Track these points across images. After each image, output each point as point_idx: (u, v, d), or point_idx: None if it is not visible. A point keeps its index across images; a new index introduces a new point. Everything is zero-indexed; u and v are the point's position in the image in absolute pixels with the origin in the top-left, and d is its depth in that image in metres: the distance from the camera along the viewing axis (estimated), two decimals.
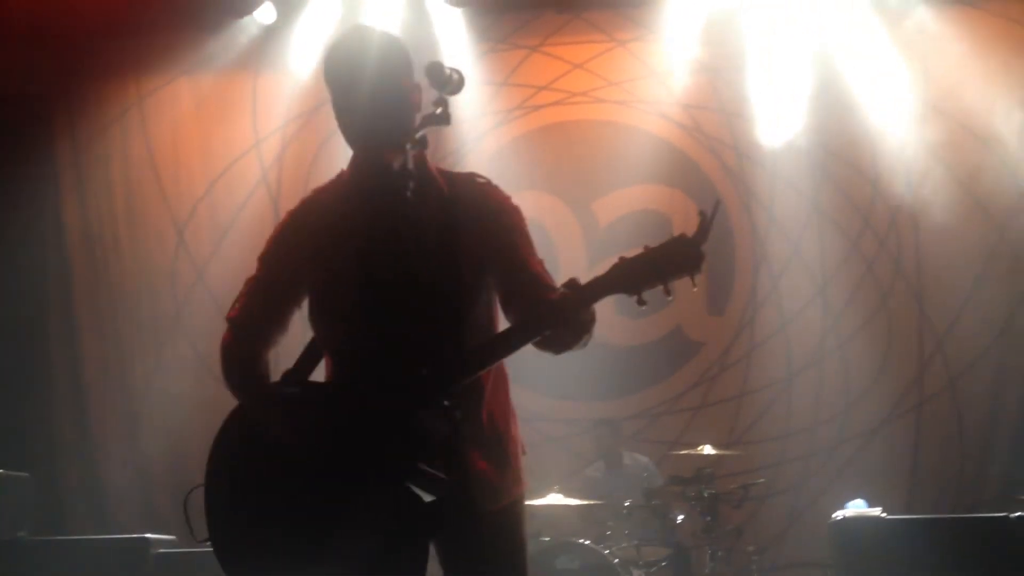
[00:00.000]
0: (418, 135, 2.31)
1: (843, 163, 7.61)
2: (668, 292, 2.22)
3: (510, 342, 2.33)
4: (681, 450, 6.59)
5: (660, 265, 2.21)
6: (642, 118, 7.84)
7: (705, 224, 2.21)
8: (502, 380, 2.54)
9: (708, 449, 6.32)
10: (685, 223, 7.74)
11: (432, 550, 2.43)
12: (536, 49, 7.94)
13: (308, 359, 2.57)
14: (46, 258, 7.96)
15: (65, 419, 7.81)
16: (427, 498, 2.28)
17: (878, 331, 7.46)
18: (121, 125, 8.07)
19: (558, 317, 2.26)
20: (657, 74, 7.80)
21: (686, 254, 2.20)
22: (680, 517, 6.25)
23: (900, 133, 7.47)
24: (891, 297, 7.49)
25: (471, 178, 2.53)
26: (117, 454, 7.67)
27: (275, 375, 2.56)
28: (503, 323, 2.50)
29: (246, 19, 7.72)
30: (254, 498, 2.40)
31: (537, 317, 2.30)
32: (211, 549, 2.46)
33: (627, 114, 7.89)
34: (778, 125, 7.60)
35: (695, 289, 2.21)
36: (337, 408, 2.37)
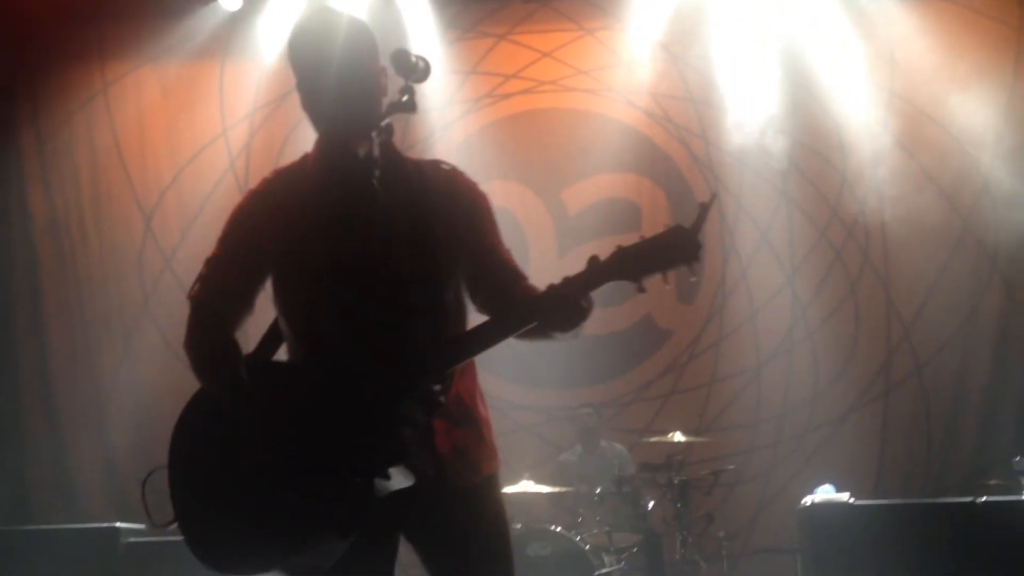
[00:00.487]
0: (384, 123, 2.30)
1: (811, 152, 7.66)
2: (667, 280, 2.26)
3: (508, 325, 2.33)
4: (651, 437, 6.62)
5: (660, 254, 2.24)
6: (611, 106, 7.84)
7: (703, 215, 2.27)
8: (470, 361, 2.54)
9: (678, 436, 6.36)
10: (653, 211, 7.81)
11: (404, 541, 2.43)
12: (504, 37, 7.92)
13: (270, 342, 2.54)
14: (12, 247, 7.86)
15: (33, 408, 7.73)
16: (398, 481, 2.27)
17: (846, 319, 7.53)
18: (86, 113, 7.98)
19: (560, 302, 2.28)
20: (625, 62, 7.80)
21: (684, 244, 2.24)
22: (651, 503, 6.28)
23: (868, 123, 7.52)
24: (859, 285, 7.56)
25: (437, 165, 2.54)
26: (85, 443, 7.61)
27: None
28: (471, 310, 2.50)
29: (212, 5, 7.66)
30: (219, 482, 2.37)
31: (537, 302, 2.30)
32: (178, 534, 2.43)
33: (596, 102, 7.89)
34: (746, 114, 7.63)
35: (693, 279, 2.31)
36: (312, 392, 2.35)
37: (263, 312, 2.55)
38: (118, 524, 5.99)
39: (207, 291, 2.54)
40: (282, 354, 2.55)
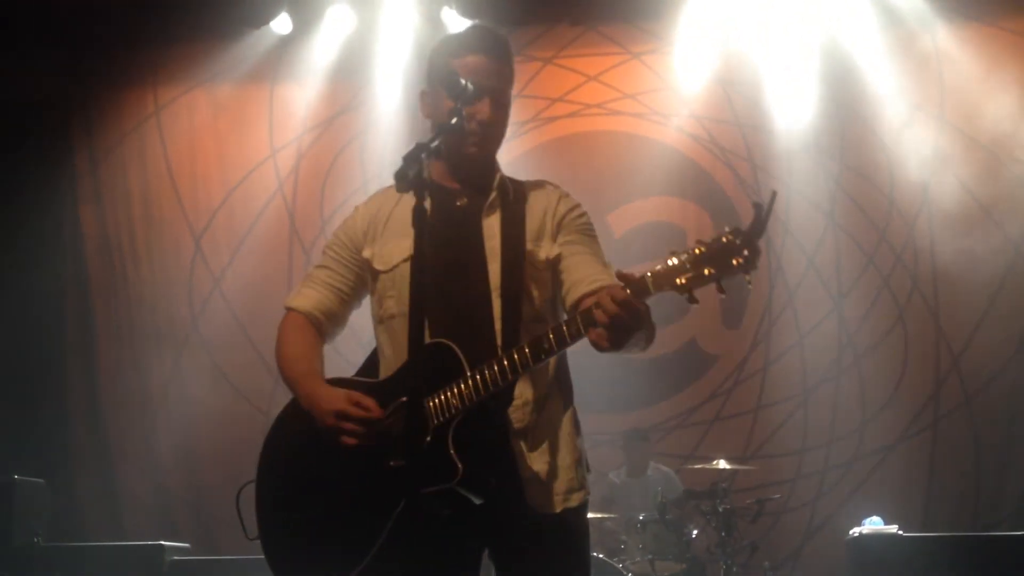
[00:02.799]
0: (433, 144, 2.33)
1: (859, 177, 7.59)
2: (722, 290, 2.08)
3: (563, 335, 2.26)
4: (696, 464, 6.56)
5: (715, 262, 2.07)
6: (657, 130, 7.84)
7: (761, 216, 2.03)
8: (564, 384, 2.54)
9: (723, 463, 6.29)
10: (699, 234, 7.64)
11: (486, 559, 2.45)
12: (550, 61, 7.95)
13: (368, 369, 2.62)
14: (64, 266, 8.00)
15: (81, 426, 7.84)
16: (476, 502, 2.28)
17: (894, 347, 7.42)
18: (139, 134, 8.12)
19: (612, 310, 2.14)
20: (672, 86, 7.80)
21: (742, 249, 2.04)
22: (695, 532, 6.22)
23: (916, 148, 7.45)
24: (907, 312, 7.45)
25: (540, 182, 2.68)
26: (133, 461, 7.69)
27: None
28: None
29: (263, 29, 7.76)
30: (304, 497, 2.43)
31: (587, 311, 2.22)
32: (227, 553, 2.49)
33: (642, 126, 7.89)
34: (793, 138, 7.59)
35: (750, 286, 2.08)
36: (384, 406, 2.39)
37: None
38: (163, 543, 6.05)
39: (302, 299, 2.70)
40: None
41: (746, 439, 7.44)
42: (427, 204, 2.23)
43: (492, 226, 2.54)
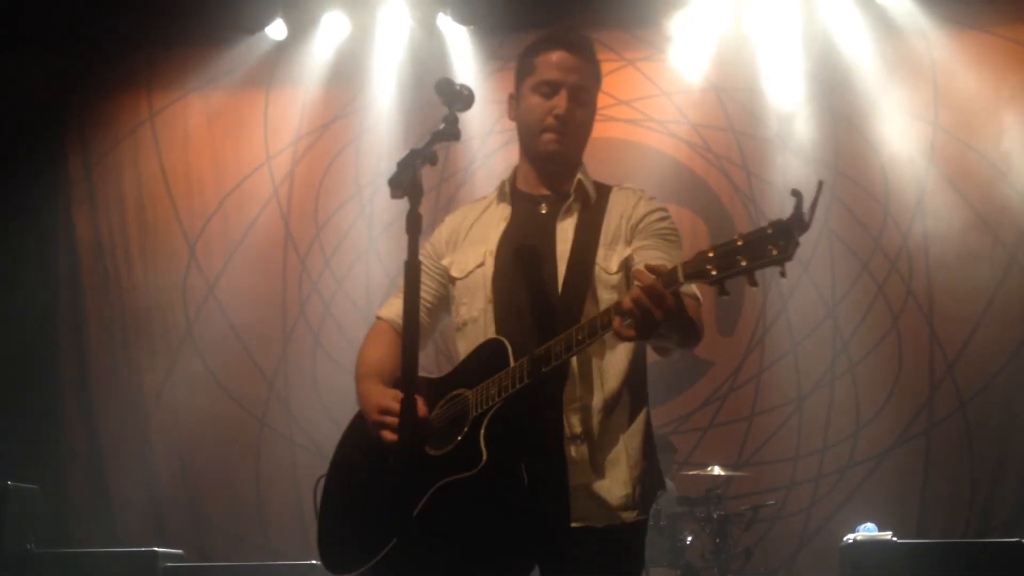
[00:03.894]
0: (428, 151, 2.33)
1: (854, 184, 7.60)
2: (754, 282, 2.02)
3: (595, 326, 2.22)
4: (690, 470, 6.56)
5: (750, 252, 2.01)
6: (652, 136, 7.85)
7: (800, 207, 1.97)
8: (637, 390, 2.54)
9: (717, 470, 6.29)
10: (694, 241, 7.75)
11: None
12: None
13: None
14: (57, 271, 7.99)
15: (75, 432, 7.81)
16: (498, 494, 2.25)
17: (889, 353, 7.42)
18: (133, 140, 8.11)
19: (635, 294, 2.09)
20: (667, 93, 7.81)
21: (778, 239, 1.99)
22: (689, 538, 6.21)
23: (910, 154, 7.46)
24: (902, 319, 7.46)
25: (625, 186, 2.71)
26: (126, 467, 7.66)
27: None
28: None
29: (258, 35, 7.74)
30: (361, 498, 2.44)
31: (619, 302, 2.17)
32: (218, 559, 2.51)
33: (637, 132, 7.90)
34: (788, 145, 7.60)
35: (784, 278, 2.03)
36: (440, 399, 2.41)
37: None
38: (157, 549, 6.03)
39: (390, 310, 2.72)
40: None
41: (740, 445, 7.44)
42: (506, 216, 2.34)
43: (566, 230, 2.52)
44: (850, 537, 5.92)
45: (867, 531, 5.98)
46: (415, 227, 2.16)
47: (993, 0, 7.54)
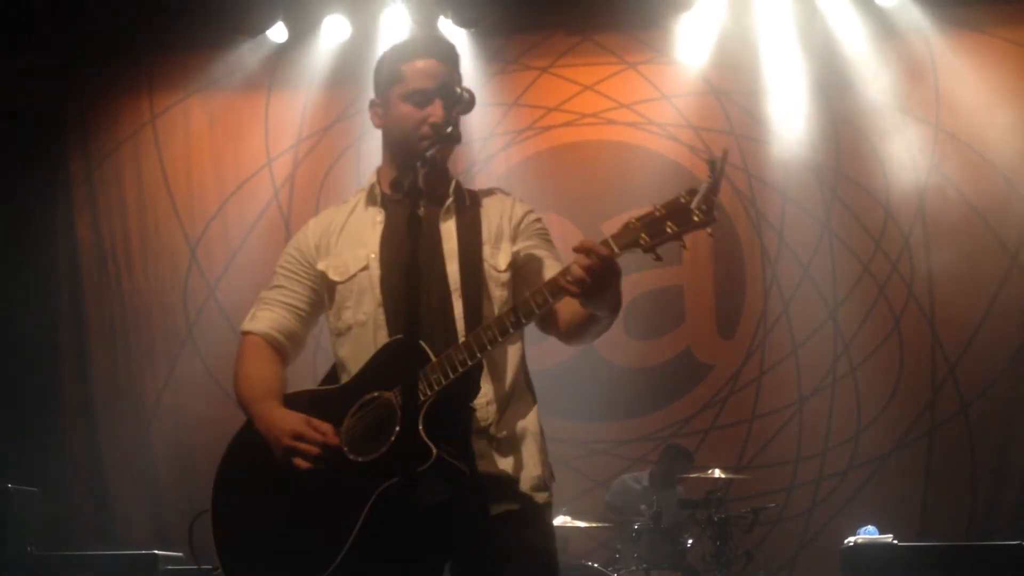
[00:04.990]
0: (428, 153, 2.33)
1: (855, 185, 7.60)
2: (685, 245, 2.19)
3: (530, 307, 2.29)
4: (691, 473, 6.55)
5: (676, 218, 2.19)
6: (652, 140, 7.85)
7: (715, 173, 2.19)
8: (529, 383, 2.58)
9: (718, 472, 6.28)
10: (695, 243, 7.71)
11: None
12: (546, 70, 7.96)
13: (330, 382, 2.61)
14: (58, 274, 7.99)
15: (75, 435, 7.81)
16: (434, 499, 2.24)
17: (890, 355, 7.42)
18: (134, 142, 8.11)
19: (585, 263, 2.20)
20: (667, 96, 7.81)
21: (700, 204, 2.18)
22: (690, 541, 6.21)
23: (912, 156, 7.46)
24: (903, 321, 7.45)
25: (492, 189, 2.73)
26: (126, 470, 7.67)
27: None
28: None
29: (259, 38, 7.76)
30: (262, 517, 2.40)
31: (552, 280, 2.28)
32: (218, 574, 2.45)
33: (637, 136, 7.90)
34: (789, 147, 7.60)
35: (710, 235, 2.20)
36: (347, 408, 2.38)
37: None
38: (156, 552, 6.02)
39: (258, 321, 2.69)
40: None
41: (741, 448, 7.44)
42: (380, 220, 2.31)
43: (449, 229, 2.55)
44: (851, 540, 5.92)
45: (868, 534, 5.97)
46: (415, 230, 2.16)
47: (993, 2, 7.55)
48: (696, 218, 2.16)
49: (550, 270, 2.52)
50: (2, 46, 7.44)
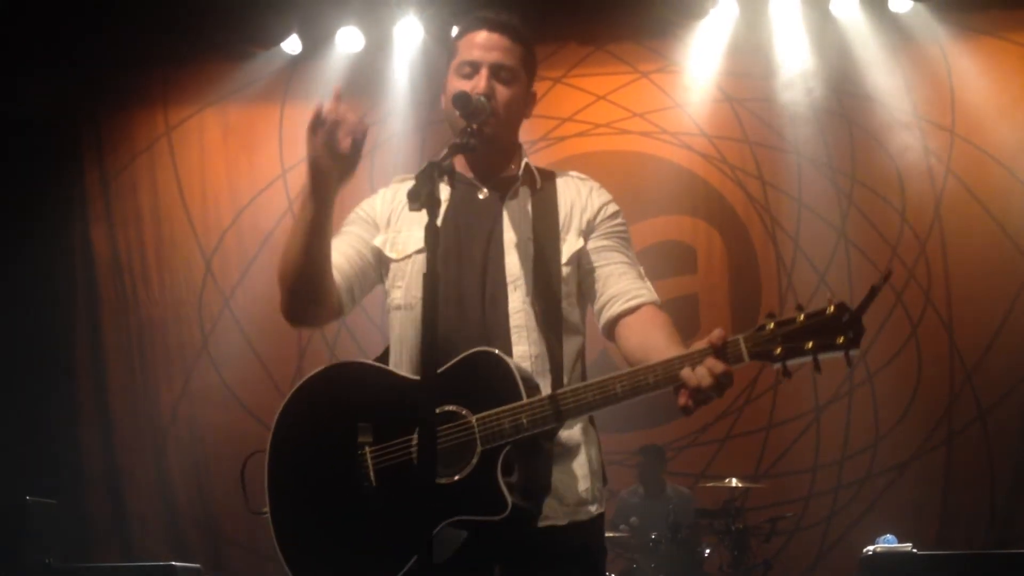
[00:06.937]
0: (445, 162, 2.30)
1: (870, 192, 7.57)
2: (818, 368, 2.03)
3: (642, 384, 2.19)
4: (707, 483, 6.53)
5: (818, 336, 2.01)
6: (666, 149, 7.84)
7: (874, 296, 2.00)
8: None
9: (735, 482, 6.26)
10: (709, 253, 7.76)
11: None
12: (559, 80, 7.97)
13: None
14: (75, 285, 8.03)
15: (92, 446, 7.83)
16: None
17: (907, 363, 7.38)
18: (150, 155, 8.15)
19: (708, 383, 2.10)
20: (681, 104, 7.81)
21: (848, 328, 2.00)
22: (707, 551, 6.19)
23: (928, 163, 7.43)
24: (921, 329, 7.41)
25: (572, 173, 2.59)
26: (143, 481, 7.69)
27: None
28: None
29: (273, 50, 7.80)
30: (317, 478, 2.31)
31: (671, 364, 2.16)
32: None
33: (651, 145, 7.89)
34: (803, 154, 7.58)
35: (850, 369, 2.05)
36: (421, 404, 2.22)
37: None
38: (174, 563, 6.03)
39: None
40: None
41: (758, 457, 7.40)
42: (445, 197, 2.18)
43: (513, 217, 2.43)
44: (870, 549, 5.88)
45: (887, 543, 5.94)
46: (433, 239, 2.10)
47: (1007, 6, 7.52)
48: (841, 341, 1.99)
49: (624, 279, 2.41)
50: (17, 60, 7.49)
